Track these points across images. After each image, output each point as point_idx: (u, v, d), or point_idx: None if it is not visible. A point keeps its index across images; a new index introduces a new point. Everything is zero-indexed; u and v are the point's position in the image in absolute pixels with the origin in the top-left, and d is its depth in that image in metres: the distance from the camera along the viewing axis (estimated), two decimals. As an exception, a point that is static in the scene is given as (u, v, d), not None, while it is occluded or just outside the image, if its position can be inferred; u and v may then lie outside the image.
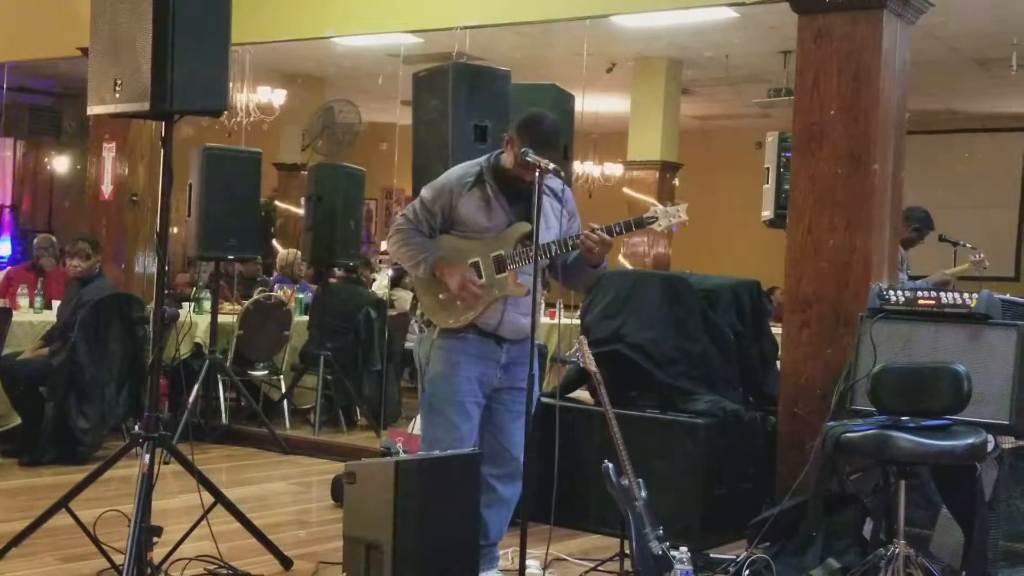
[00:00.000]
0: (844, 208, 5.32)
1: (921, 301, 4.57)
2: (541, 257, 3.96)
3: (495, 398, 4.24)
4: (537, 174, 3.79)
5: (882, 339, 4.56)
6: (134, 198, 8.29)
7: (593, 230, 3.99)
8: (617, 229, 4.00)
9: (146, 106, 3.85)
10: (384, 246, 13.95)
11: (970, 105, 12.42)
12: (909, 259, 6.60)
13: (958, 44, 9.30)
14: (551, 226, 4.07)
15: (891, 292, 4.65)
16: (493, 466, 4.19)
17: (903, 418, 4.04)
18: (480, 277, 4.10)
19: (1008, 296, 4.78)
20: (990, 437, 4.13)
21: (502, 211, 4.11)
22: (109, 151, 8.32)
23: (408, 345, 8.79)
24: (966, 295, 4.48)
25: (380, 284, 10.06)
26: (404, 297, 9.56)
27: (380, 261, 11.96)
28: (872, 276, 5.24)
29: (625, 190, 10.89)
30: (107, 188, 8.35)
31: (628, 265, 10.53)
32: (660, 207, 4.03)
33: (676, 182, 11.34)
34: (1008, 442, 4.42)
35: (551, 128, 4.08)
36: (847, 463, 4.62)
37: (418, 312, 4.34)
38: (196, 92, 3.91)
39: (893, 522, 4.09)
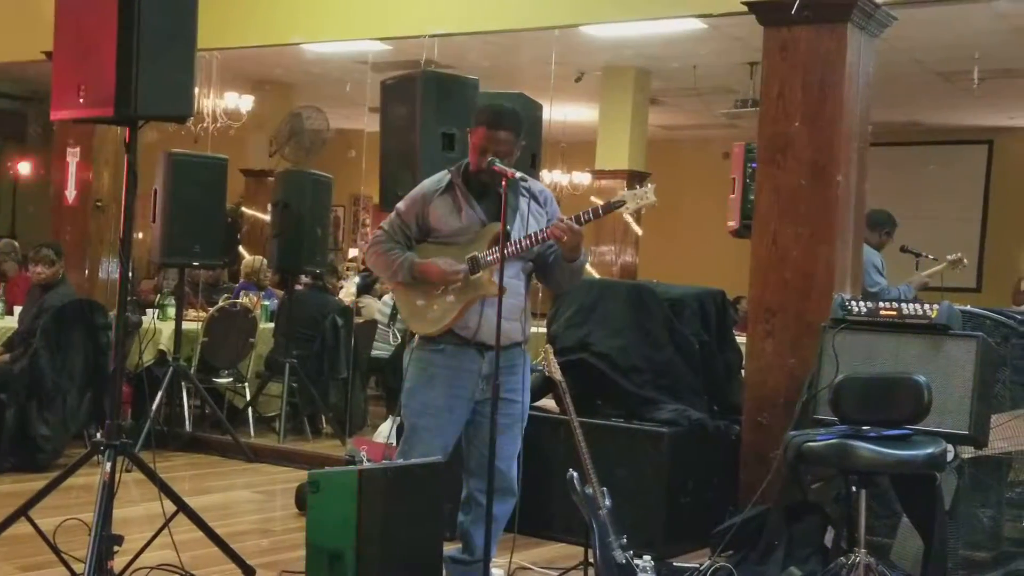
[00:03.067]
0: (808, 219, 5.36)
1: (883, 312, 4.60)
2: (515, 254, 3.94)
3: (480, 411, 4.04)
4: (504, 182, 3.82)
5: (844, 349, 4.58)
6: (98, 204, 8.22)
7: (560, 220, 3.94)
8: (585, 216, 3.91)
9: (110, 111, 3.82)
10: (352, 253, 13.93)
11: (933, 117, 12.53)
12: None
13: (921, 57, 9.39)
14: (529, 227, 4.01)
15: (853, 303, 4.68)
16: (482, 481, 3.97)
17: (864, 428, 4.06)
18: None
19: (968, 307, 4.83)
20: (950, 447, 4.17)
21: (473, 213, 4.07)
22: (73, 156, 8.25)
23: (375, 353, 8.79)
24: (927, 306, 4.52)
25: (347, 292, 10.03)
26: (371, 305, 9.53)
27: (347, 268, 11.91)
28: (835, 286, 5.28)
29: (593, 199, 10.90)
30: (71, 193, 8.28)
31: (595, 274, 10.55)
32: (628, 191, 3.97)
33: (643, 191, 11.36)
34: (967, 452, 4.46)
35: (500, 107, 4.14)
36: (809, 472, 4.65)
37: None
38: (161, 98, 3.87)
39: (854, 531, 4.11)
